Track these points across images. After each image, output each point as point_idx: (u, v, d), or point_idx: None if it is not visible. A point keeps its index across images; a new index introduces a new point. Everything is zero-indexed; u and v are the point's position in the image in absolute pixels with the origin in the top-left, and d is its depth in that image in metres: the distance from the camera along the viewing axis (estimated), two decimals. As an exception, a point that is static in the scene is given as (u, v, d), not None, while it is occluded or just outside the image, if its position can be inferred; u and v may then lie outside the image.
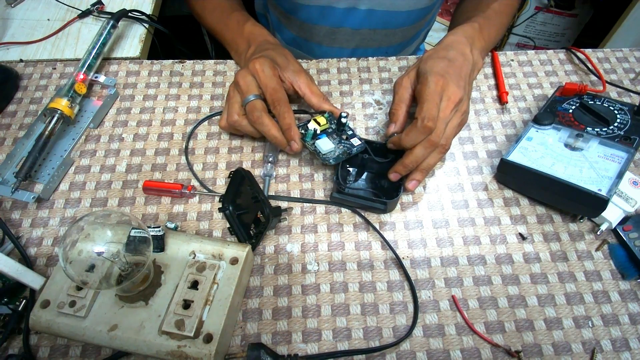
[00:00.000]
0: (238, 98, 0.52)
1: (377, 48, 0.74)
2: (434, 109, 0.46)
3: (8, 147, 0.56)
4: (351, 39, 0.71)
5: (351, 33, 0.70)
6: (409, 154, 0.48)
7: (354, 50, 0.74)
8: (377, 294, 0.45)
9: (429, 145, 0.47)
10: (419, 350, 0.42)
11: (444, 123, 0.47)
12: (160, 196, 0.52)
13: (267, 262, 0.47)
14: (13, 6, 0.71)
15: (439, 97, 0.47)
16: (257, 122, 0.50)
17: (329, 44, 0.72)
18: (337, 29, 0.70)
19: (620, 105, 0.54)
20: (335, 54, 0.74)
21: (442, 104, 0.47)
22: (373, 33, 0.70)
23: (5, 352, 0.42)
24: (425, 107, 0.46)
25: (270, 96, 0.50)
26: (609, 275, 0.47)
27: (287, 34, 0.75)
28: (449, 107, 0.47)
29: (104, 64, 0.64)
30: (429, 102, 0.46)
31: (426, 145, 0.47)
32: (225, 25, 0.64)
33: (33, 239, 0.49)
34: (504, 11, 0.63)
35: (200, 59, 0.66)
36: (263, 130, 0.50)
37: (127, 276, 0.36)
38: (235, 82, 0.52)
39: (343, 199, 0.50)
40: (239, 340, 0.43)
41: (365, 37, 0.71)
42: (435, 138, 0.46)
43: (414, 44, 0.80)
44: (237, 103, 0.52)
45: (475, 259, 0.48)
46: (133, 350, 0.38)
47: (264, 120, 0.49)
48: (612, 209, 0.48)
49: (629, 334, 0.43)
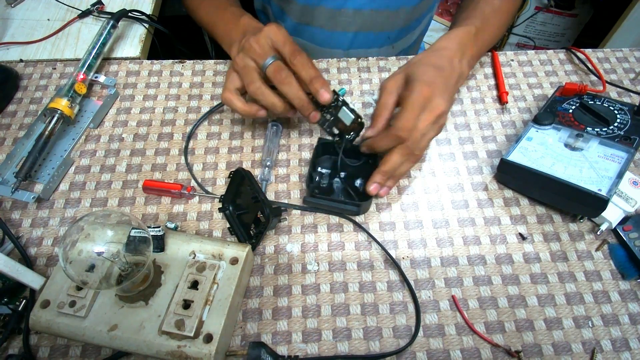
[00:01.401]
0: (252, 63, 0.49)
1: (379, 32, 0.73)
2: (411, 120, 0.46)
3: (8, 147, 0.56)
4: (353, 22, 0.71)
5: (353, 15, 0.70)
6: (386, 162, 0.48)
7: (356, 34, 0.73)
8: (377, 294, 0.45)
9: (405, 153, 0.47)
10: (419, 350, 0.42)
11: (420, 134, 0.47)
12: (160, 196, 0.52)
13: (267, 262, 0.47)
14: (13, 6, 0.71)
15: (420, 109, 0.46)
16: (285, 82, 0.47)
17: (330, 27, 0.72)
18: (339, 10, 0.69)
19: (620, 105, 0.54)
20: (337, 39, 0.73)
21: (423, 115, 0.46)
22: (375, 14, 0.70)
23: (5, 352, 0.42)
24: (404, 116, 0.46)
25: (290, 47, 0.47)
26: (609, 275, 0.47)
27: (288, 21, 0.74)
28: (429, 120, 0.47)
29: (104, 64, 0.64)
30: (408, 112, 0.46)
31: (402, 153, 0.47)
32: (220, 17, 0.62)
33: (33, 239, 0.49)
34: (505, 10, 0.62)
35: (200, 59, 0.66)
36: (290, 91, 0.47)
37: (127, 276, 0.36)
38: (246, 48, 0.49)
39: (316, 203, 0.50)
40: (239, 340, 0.43)
41: (367, 20, 0.70)
42: (412, 146, 0.47)
43: (416, 31, 0.79)
44: (254, 70, 0.49)
45: (475, 259, 0.48)
46: (133, 350, 0.38)
47: (292, 80, 0.47)
48: (612, 209, 0.48)
49: (629, 334, 0.43)
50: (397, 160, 0.47)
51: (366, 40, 0.74)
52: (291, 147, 0.56)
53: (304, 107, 0.49)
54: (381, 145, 0.48)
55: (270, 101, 0.49)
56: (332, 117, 0.50)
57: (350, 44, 0.75)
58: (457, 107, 0.60)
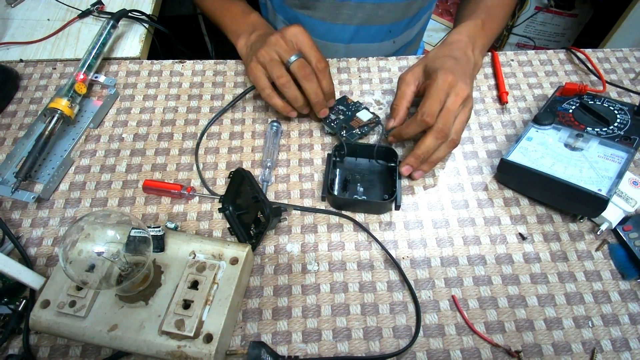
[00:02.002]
0: (277, 57, 0.53)
1: (381, 26, 0.74)
2: (435, 105, 0.48)
3: (8, 147, 0.56)
4: (354, 15, 0.71)
5: (355, 7, 0.70)
6: (419, 146, 0.49)
7: (357, 28, 0.74)
8: (377, 294, 0.45)
9: (440, 136, 0.48)
10: (419, 350, 0.42)
11: (452, 116, 0.49)
12: (160, 196, 0.52)
13: (267, 262, 0.47)
14: (13, 6, 0.71)
15: (445, 94, 0.48)
16: (308, 78, 0.52)
17: (332, 20, 0.73)
18: (341, 3, 0.70)
19: (620, 105, 0.54)
20: (339, 31, 0.74)
21: (450, 99, 0.48)
22: (377, 7, 0.71)
23: (5, 352, 0.42)
24: (428, 102, 0.48)
25: (317, 54, 0.52)
26: (609, 275, 0.47)
27: (290, 12, 0.74)
28: (457, 102, 0.49)
29: (104, 64, 0.64)
30: (432, 98, 0.48)
31: (437, 136, 0.48)
32: (228, 9, 0.65)
33: (33, 239, 0.49)
34: (506, 2, 0.65)
35: (200, 59, 0.66)
36: (311, 87, 0.52)
37: (127, 276, 0.36)
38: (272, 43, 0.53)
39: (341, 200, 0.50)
40: (239, 340, 0.43)
41: (369, 13, 0.71)
42: (445, 129, 0.48)
43: (415, 27, 0.80)
44: (281, 63, 0.53)
45: (475, 259, 0.48)
46: (133, 350, 0.38)
47: (314, 78, 0.52)
48: (612, 209, 0.48)
49: (629, 334, 0.43)
50: (430, 143, 0.49)
51: (367, 35, 0.74)
52: (291, 147, 0.56)
53: (319, 103, 0.53)
54: (408, 132, 0.50)
55: (295, 94, 0.53)
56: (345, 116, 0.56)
57: (351, 38, 0.75)
58: (457, 107, 0.60)
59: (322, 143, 0.57)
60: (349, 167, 0.54)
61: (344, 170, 0.53)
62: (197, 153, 0.55)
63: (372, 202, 0.50)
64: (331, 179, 0.51)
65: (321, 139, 0.57)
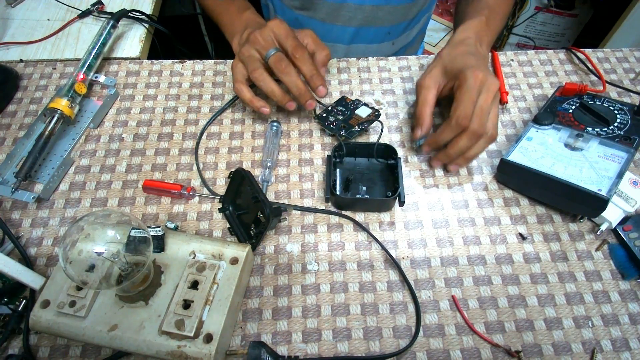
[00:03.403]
0: (256, 54, 0.53)
1: (380, 28, 0.75)
2: (469, 107, 0.47)
3: (8, 147, 0.56)
4: (354, 16, 0.72)
5: (354, 9, 0.71)
6: (453, 145, 0.49)
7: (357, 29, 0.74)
8: (377, 294, 0.45)
9: (475, 137, 0.48)
10: (419, 350, 0.42)
11: (486, 115, 0.48)
12: (160, 196, 0.52)
13: (267, 262, 0.47)
14: (13, 6, 0.71)
15: (477, 93, 0.48)
16: (285, 71, 0.51)
17: (332, 21, 0.73)
18: (341, 4, 0.70)
19: (620, 105, 0.54)
20: (338, 32, 0.74)
21: (482, 97, 0.48)
22: (376, 9, 0.71)
23: (5, 352, 0.42)
24: (462, 105, 0.48)
25: (292, 42, 0.52)
26: (609, 275, 0.47)
27: (290, 13, 0.75)
28: (489, 98, 0.48)
29: (104, 64, 0.64)
30: (465, 99, 0.48)
31: (471, 137, 0.48)
32: (226, 8, 0.66)
33: (33, 239, 0.49)
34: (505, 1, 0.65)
35: (200, 59, 0.66)
36: (290, 80, 0.51)
37: (127, 276, 0.36)
38: (252, 40, 0.53)
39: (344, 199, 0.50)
40: (239, 340, 0.43)
41: (368, 15, 0.72)
42: (479, 130, 0.48)
43: (414, 29, 0.80)
44: (257, 59, 0.53)
45: (475, 259, 0.48)
46: (133, 350, 0.38)
47: (292, 70, 0.51)
48: (612, 209, 0.48)
49: (629, 334, 0.43)
50: (464, 144, 0.49)
51: (367, 36, 0.75)
52: (291, 147, 0.56)
53: (301, 95, 0.52)
54: (444, 138, 0.50)
55: (270, 87, 0.52)
56: (344, 116, 0.56)
57: (351, 39, 0.75)
58: (457, 107, 0.60)
59: (322, 143, 0.57)
60: (350, 167, 0.54)
61: (345, 170, 0.53)
62: (197, 153, 0.55)
63: (375, 199, 0.50)
64: (333, 179, 0.51)
65: (321, 139, 0.57)
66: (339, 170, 0.53)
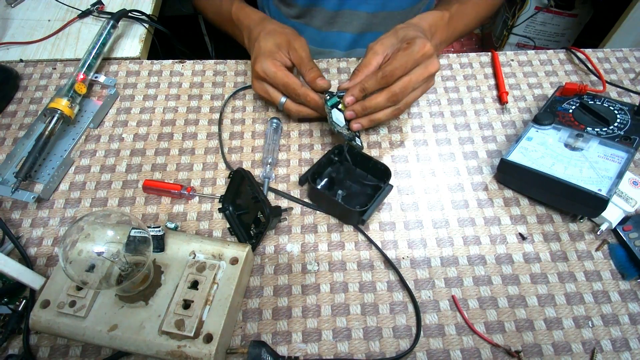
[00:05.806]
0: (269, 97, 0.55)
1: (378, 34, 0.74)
2: (401, 69, 0.47)
3: (8, 147, 0.56)
4: (350, 23, 0.72)
5: (350, 16, 0.70)
6: (371, 99, 0.49)
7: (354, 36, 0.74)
8: (377, 294, 0.45)
9: (392, 100, 0.48)
10: (419, 350, 0.42)
11: (412, 86, 0.48)
12: (160, 196, 0.52)
13: (267, 262, 0.47)
14: (13, 6, 0.71)
15: (414, 63, 0.48)
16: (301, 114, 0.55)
17: (328, 28, 0.73)
18: (337, 11, 0.70)
19: (620, 105, 0.54)
20: (335, 39, 0.74)
21: (418, 69, 0.48)
22: (372, 17, 0.71)
23: (5, 352, 0.42)
24: (395, 64, 0.47)
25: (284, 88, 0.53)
26: (609, 275, 0.47)
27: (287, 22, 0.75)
28: (424, 75, 0.48)
29: (104, 64, 0.64)
30: (401, 62, 0.47)
31: (387, 98, 0.48)
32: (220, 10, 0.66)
33: (33, 239, 0.49)
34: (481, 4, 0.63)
35: (200, 59, 0.66)
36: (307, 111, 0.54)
37: (127, 276, 0.36)
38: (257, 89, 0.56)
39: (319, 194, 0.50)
40: (239, 340, 0.43)
41: (364, 22, 0.71)
42: (399, 95, 0.48)
43: None
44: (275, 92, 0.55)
45: (475, 259, 0.48)
46: (133, 350, 0.38)
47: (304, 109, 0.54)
48: (612, 209, 0.48)
49: (629, 334, 0.43)
50: (381, 101, 0.49)
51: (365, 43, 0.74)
52: (291, 147, 0.56)
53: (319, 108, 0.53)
54: (365, 87, 0.49)
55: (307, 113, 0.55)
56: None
57: (349, 45, 0.75)
58: (457, 107, 0.60)
59: (322, 143, 0.57)
60: (342, 170, 0.53)
61: (335, 170, 0.53)
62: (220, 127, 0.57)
63: (341, 205, 0.47)
64: (319, 172, 0.51)
65: (321, 139, 0.57)
66: (330, 168, 0.53)
